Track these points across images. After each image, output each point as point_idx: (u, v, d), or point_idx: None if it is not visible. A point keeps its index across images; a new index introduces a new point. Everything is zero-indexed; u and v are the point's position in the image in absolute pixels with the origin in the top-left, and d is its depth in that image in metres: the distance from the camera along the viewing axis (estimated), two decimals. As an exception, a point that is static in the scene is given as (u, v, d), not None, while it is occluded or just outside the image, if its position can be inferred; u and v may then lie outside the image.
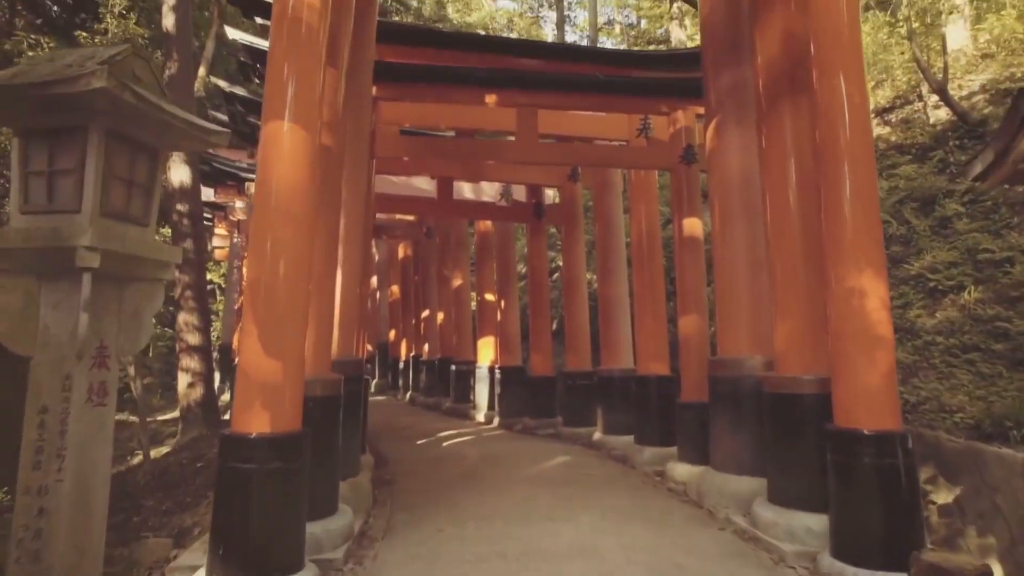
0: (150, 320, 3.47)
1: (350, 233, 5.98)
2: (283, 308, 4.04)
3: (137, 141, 3.33)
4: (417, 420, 12.14)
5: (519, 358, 11.98)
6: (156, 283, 3.58)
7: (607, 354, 9.49)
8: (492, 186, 12.07)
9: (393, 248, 17.76)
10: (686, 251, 7.42)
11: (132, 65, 3.03)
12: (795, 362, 5.04)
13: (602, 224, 9.58)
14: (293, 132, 4.13)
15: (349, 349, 5.98)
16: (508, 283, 12.00)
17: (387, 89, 6.97)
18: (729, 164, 6.14)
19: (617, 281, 9.47)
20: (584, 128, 8.37)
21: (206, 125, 3.52)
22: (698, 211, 7.46)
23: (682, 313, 7.46)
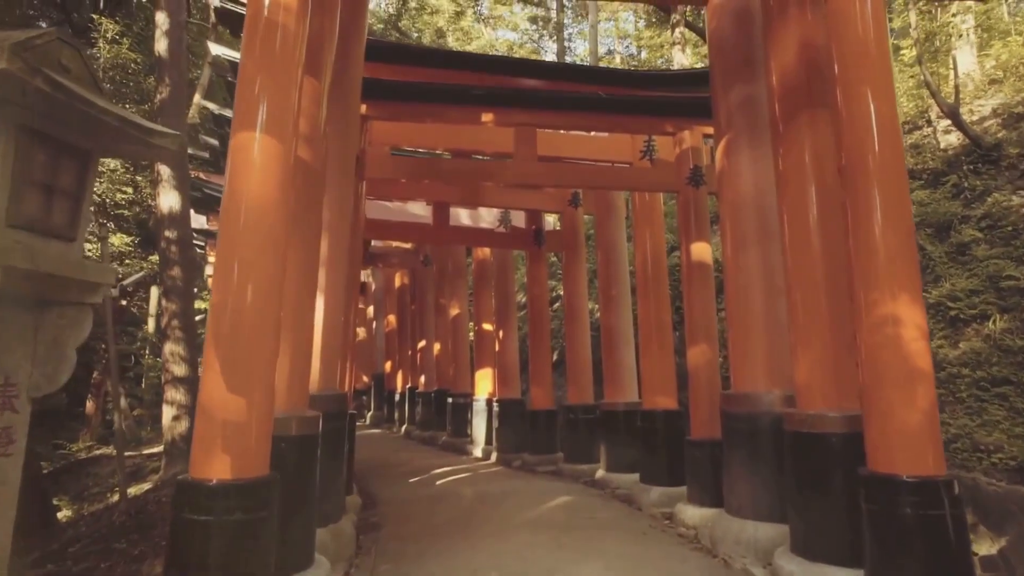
0: (73, 352, 3.01)
1: (334, 257, 5.57)
2: (250, 337, 3.61)
3: (62, 141, 2.89)
4: (411, 455, 11.61)
5: (518, 390, 11.50)
6: (82, 308, 3.11)
7: (610, 387, 9.02)
8: (490, 212, 11.71)
9: (390, 277, 17.37)
10: (694, 278, 7.00)
11: (58, 53, 2.63)
12: (819, 397, 4.59)
13: (604, 251, 9.19)
14: (265, 143, 3.76)
15: (331, 382, 5.53)
16: (507, 312, 11.57)
17: (378, 107, 6.63)
18: (741, 185, 5.75)
19: (620, 310, 9.04)
20: (585, 150, 8.03)
21: (148, 125, 3.12)
22: (707, 235, 7.07)
23: (691, 344, 7.01)
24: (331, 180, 5.56)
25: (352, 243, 6.68)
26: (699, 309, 6.94)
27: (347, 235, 5.77)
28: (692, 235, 7.05)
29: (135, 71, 12.66)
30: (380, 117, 6.82)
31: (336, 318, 5.61)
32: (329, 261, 5.50)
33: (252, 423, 3.58)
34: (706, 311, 6.95)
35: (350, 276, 6.51)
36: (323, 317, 5.43)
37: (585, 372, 9.87)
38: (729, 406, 5.69)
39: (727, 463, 5.67)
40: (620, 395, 8.91)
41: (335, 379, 5.64)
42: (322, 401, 5.24)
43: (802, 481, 4.60)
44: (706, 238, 7.06)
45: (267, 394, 3.72)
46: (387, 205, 10.74)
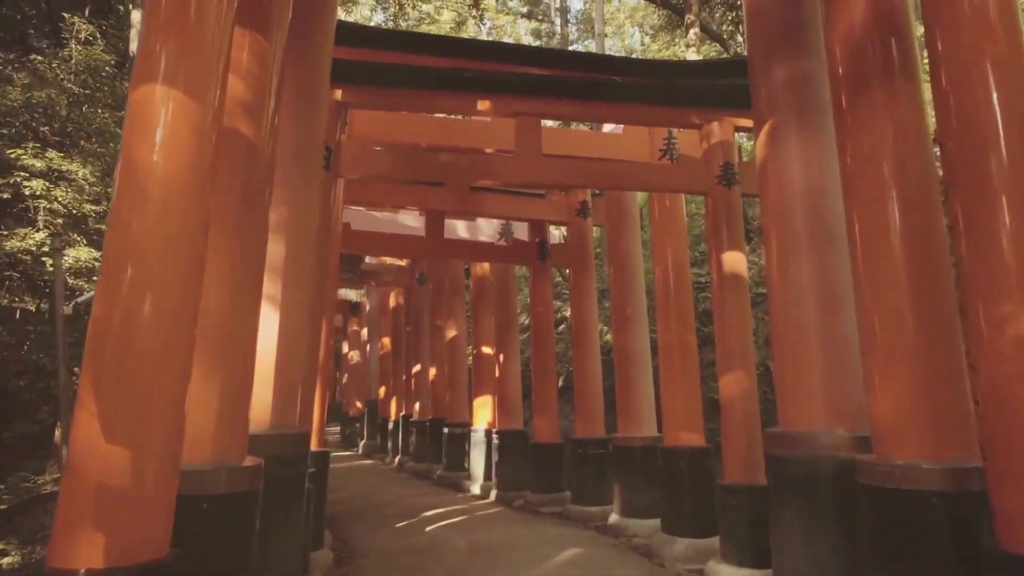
0: None
1: (295, 266, 4.56)
2: (146, 365, 2.59)
3: None
4: (402, 492, 10.50)
5: (520, 421, 10.41)
6: None
7: (625, 418, 7.95)
8: (490, 225, 10.72)
9: (384, 296, 16.37)
10: (727, 293, 5.97)
11: None
12: (909, 443, 3.53)
13: (617, 265, 8.17)
14: (176, 101, 2.77)
15: (289, 418, 4.49)
16: (508, 334, 10.53)
17: (357, 93, 5.68)
18: (789, 180, 4.75)
19: (636, 332, 8.00)
20: (594, 148, 7.06)
21: None
22: (740, 243, 6.06)
23: (723, 370, 5.96)
24: (291, 172, 4.58)
25: (326, 252, 5.68)
26: (733, 329, 5.90)
27: (313, 240, 4.77)
28: (724, 243, 6.04)
29: (109, 74, 11.78)
30: (360, 104, 5.87)
31: (296, 340, 4.59)
32: (288, 271, 4.50)
33: (144, 483, 2.55)
34: (741, 332, 5.91)
35: (320, 290, 5.50)
36: (280, 339, 4.42)
37: (595, 401, 8.80)
38: (777, 448, 4.63)
39: (775, 517, 4.61)
40: (636, 428, 7.83)
41: (294, 414, 4.60)
42: (273, 443, 4.21)
43: (886, 552, 3.54)
44: (740, 246, 6.04)
45: (169, 442, 2.69)
46: (376, 215, 9.77)
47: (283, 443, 4.36)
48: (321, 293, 5.56)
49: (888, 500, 3.53)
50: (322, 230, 5.51)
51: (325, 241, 5.54)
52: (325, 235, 5.54)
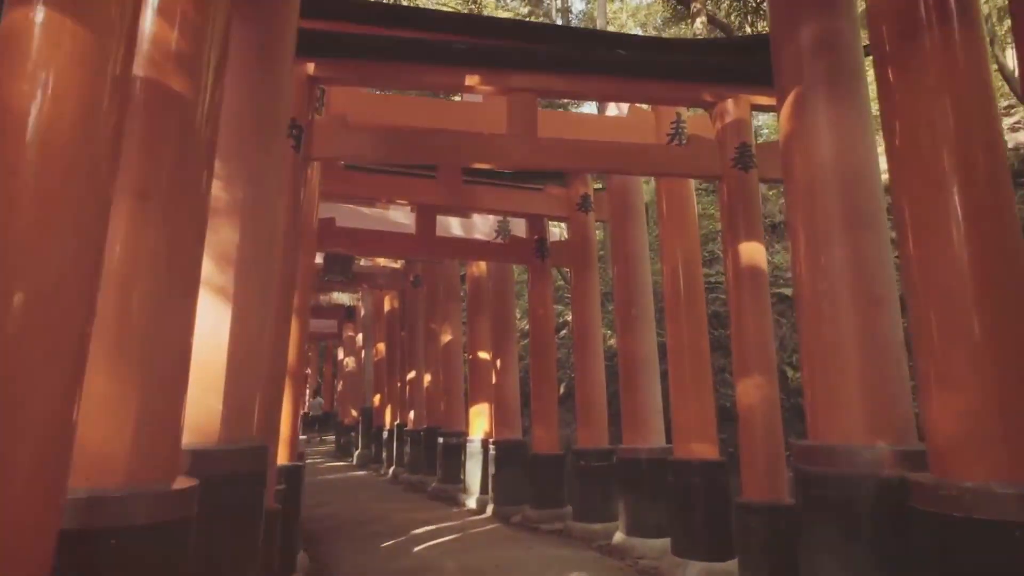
0: None
1: (254, 255, 3.96)
2: (18, 364, 2.00)
3: None
4: (393, 506, 9.86)
5: (518, 430, 9.79)
6: None
7: (630, 428, 7.32)
8: (486, 221, 10.14)
9: (379, 300, 15.77)
10: (744, 289, 5.36)
11: None
12: (980, 460, 2.92)
13: (622, 263, 7.57)
14: (66, 34, 2.18)
15: (245, 430, 3.87)
16: (506, 339, 9.92)
17: (332, 67, 5.10)
18: (818, 157, 4.15)
19: (643, 334, 7.38)
20: (597, 132, 6.48)
21: None
22: (758, 233, 5.45)
23: (740, 375, 5.34)
24: (249, 147, 3.99)
25: (296, 242, 5.09)
26: (752, 330, 5.28)
27: (276, 227, 4.17)
28: (740, 233, 5.43)
29: None
30: (335, 79, 5.28)
31: (256, 341, 3.97)
32: (244, 260, 3.90)
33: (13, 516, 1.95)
34: (761, 332, 5.29)
35: (290, 285, 4.90)
36: (231, 340, 3.81)
37: (598, 410, 8.18)
38: (807, 463, 4.01)
39: (807, 543, 3.99)
40: (642, 439, 7.21)
41: (251, 425, 3.98)
42: (223, 459, 3.60)
43: (951, 591, 2.93)
44: (758, 236, 5.43)
45: (53, 463, 2.09)
46: (364, 212, 9.19)
47: (236, 459, 3.74)
48: (291, 289, 4.97)
49: (954, 531, 2.92)
50: (292, 218, 4.93)
51: (296, 230, 4.94)
52: (296, 224, 4.95)
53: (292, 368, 5.38)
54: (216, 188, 3.90)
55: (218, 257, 3.81)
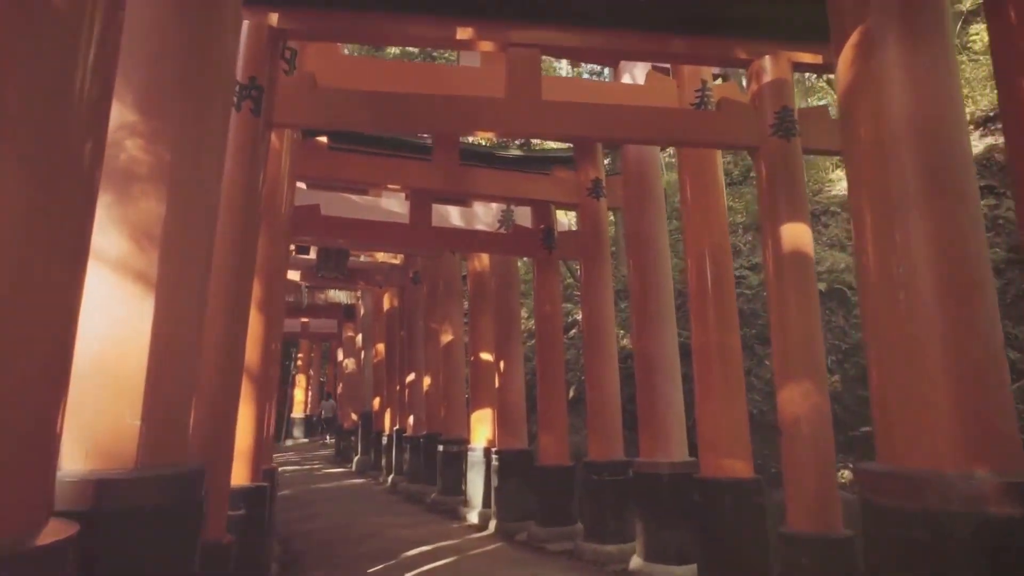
0: None
1: (186, 233, 3.16)
2: None
3: None
4: (388, 521, 9.06)
5: (523, 439, 8.98)
6: None
7: (649, 438, 6.49)
8: (489, 211, 9.34)
9: (378, 298, 14.99)
10: (788, 279, 4.53)
11: None
12: None
13: (639, 254, 6.74)
14: None
15: (173, 449, 3.07)
16: (510, 338, 9.11)
17: (298, 18, 4.31)
18: (891, 110, 3.32)
19: (662, 333, 6.55)
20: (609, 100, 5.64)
21: None
22: (803, 212, 4.62)
23: (783, 380, 4.51)
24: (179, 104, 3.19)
25: (253, 222, 4.30)
26: (797, 326, 4.45)
27: (215, 199, 3.37)
28: (782, 213, 4.60)
29: None
30: (303, 33, 4.49)
31: (187, 338, 3.18)
32: (171, 239, 3.11)
33: None
34: (807, 329, 4.46)
35: (246, 272, 4.11)
36: (153, 337, 3.02)
37: (611, 417, 7.36)
38: (880, 493, 3.17)
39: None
40: (663, 451, 6.37)
41: (183, 442, 3.18)
42: (140, 489, 2.81)
43: None
44: (803, 216, 4.61)
45: None
46: (355, 200, 8.41)
47: (158, 488, 2.95)
48: (247, 278, 4.18)
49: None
50: (249, 194, 4.15)
51: (254, 209, 4.15)
52: (254, 201, 4.16)
53: (253, 371, 4.60)
54: (133, 146, 3.14)
55: (136, 233, 3.02)
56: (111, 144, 3.14)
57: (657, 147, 6.91)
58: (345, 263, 11.66)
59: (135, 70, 3.06)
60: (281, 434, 24.51)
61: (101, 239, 2.97)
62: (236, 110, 4.16)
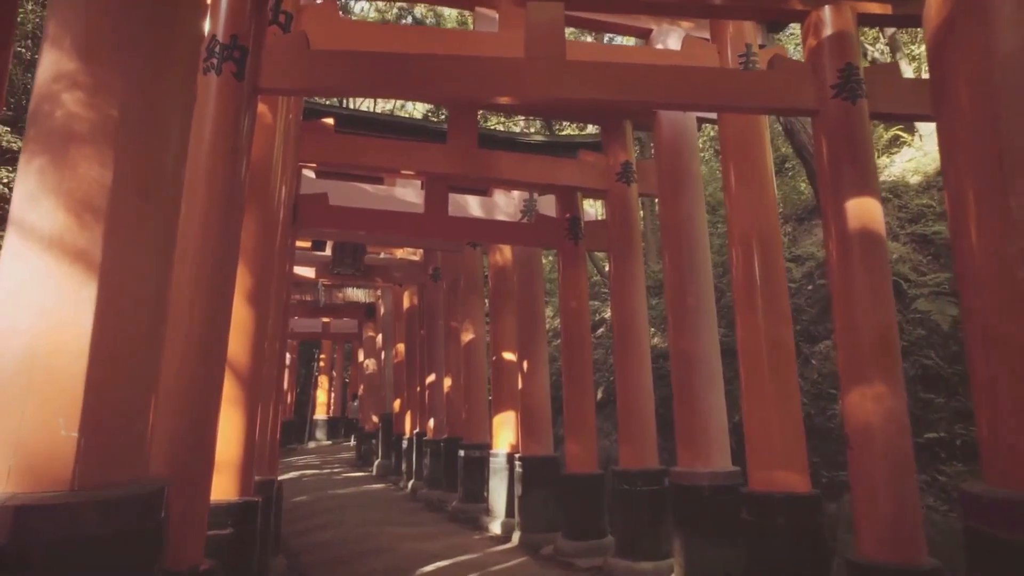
0: None
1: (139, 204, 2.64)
2: None
3: None
4: (405, 532, 8.53)
5: (548, 444, 8.38)
6: None
7: (687, 446, 5.86)
8: (510, 202, 8.77)
9: (398, 297, 14.51)
10: (856, 263, 3.88)
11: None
12: None
13: (675, 243, 6.11)
14: None
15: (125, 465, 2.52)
16: (534, 337, 8.52)
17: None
18: (999, 52, 2.68)
19: (701, 329, 5.92)
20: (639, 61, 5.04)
21: None
22: (872, 183, 3.96)
23: (850, 381, 3.86)
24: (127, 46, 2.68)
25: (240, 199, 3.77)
26: (868, 318, 3.80)
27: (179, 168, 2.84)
28: (846, 187, 3.95)
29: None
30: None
31: (142, 332, 2.65)
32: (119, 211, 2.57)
33: None
34: (880, 320, 3.81)
35: (224, 257, 3.58)
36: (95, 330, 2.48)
37: (644, 422, 6.73)
38: (996, 524, 2.54)
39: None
40: (703, 459, 5.74)
41: (136, 455, 2.64)
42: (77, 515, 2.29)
43: None
44: (872, 189, 3.95)
45: None
46: (367, 189, 7.89)
47: (100, 514, 2.42)
48: (230, 265, 3.66)
49: None
50: (228, 168, 3.62)
51: (234, 185, 3.62)
52: (234, 176, 3.63)
53: (242, 371, 4.08)
54: (73, 101, 2.63)
55: (75, 205, 2.50)
56: (44, 98, 2.64)
57: (694, 127, 6.27)
58: (362, 259, 11.19)
59: (72, 8, 2.56)
60: (304, 436, 24.23)
61: (31, 212, 2.47)
62: (216, 73, 3.65)
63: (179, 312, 3.45)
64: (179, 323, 3.43)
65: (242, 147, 3.68)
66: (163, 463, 3.33)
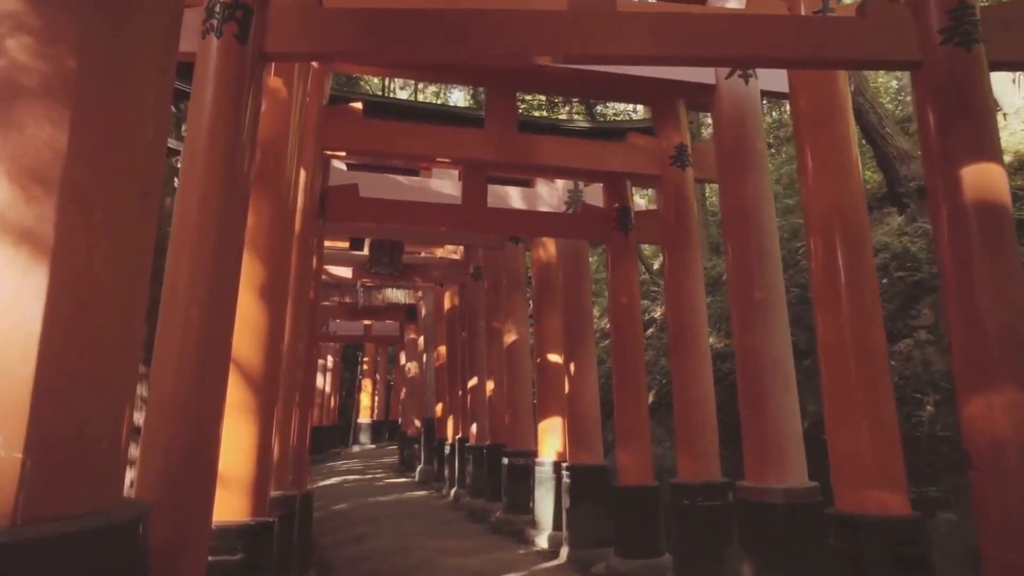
0: None
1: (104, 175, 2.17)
2: None
3: None
4: (446, 545, 8.03)
5: (598, 453, 7.78)
6: None
7: (757, 457, 5.19)
8: (553, 193, 8.21)
9: (439, 298, 14.09)
10: (974, 240, 3.20)
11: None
12: None
13: (740, 231, 5.47)
14: None
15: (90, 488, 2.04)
16: (581, 338, 7.94)
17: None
18: None
19: (771, 328, 5.26)
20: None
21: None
22: (993, 143, 3.28)
23: (970, 386, 3.17)
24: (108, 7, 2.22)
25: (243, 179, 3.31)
26: (992, 307, 3.12)
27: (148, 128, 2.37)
28: (960, 152, 3.27)
29: None
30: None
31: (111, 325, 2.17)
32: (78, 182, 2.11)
33: None
34: (1009, 309, 3.12)
35: (228, 248, 3.12)
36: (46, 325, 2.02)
37: (705, 430, 6.09)
38: None
39: None
40: (775, 473, 5.07)
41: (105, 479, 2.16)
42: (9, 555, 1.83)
43: None
44: (993, 151, 3.27)
45: None
46: (401, 182, 7.43)
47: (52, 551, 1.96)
48: (233, 256, 3.20)
49: None
50: (229, 143, 3.16)
51: (236, 161, 3.16)
52: (236, 151, 3.16)
53: (255, 376, 3.62)
54: (18, 48, 2.19)
55: (20, 174, 2.05)
56: (-15, 44, 2.20)
57: (758, 101, 5.62)
58: (399, 258, 10.80)
59: (17, -68, 2.11)
60: (348, 440, 24.13)
61: (-36, 181, 2.04)
62: (216, 35, 3.20)
63: (174, 310, 3.00)
64: (174, 323, 2.99)
65: (245, 120, 3.22)
66: (156, 482, 2.88)
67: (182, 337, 2.96)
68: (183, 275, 3.02)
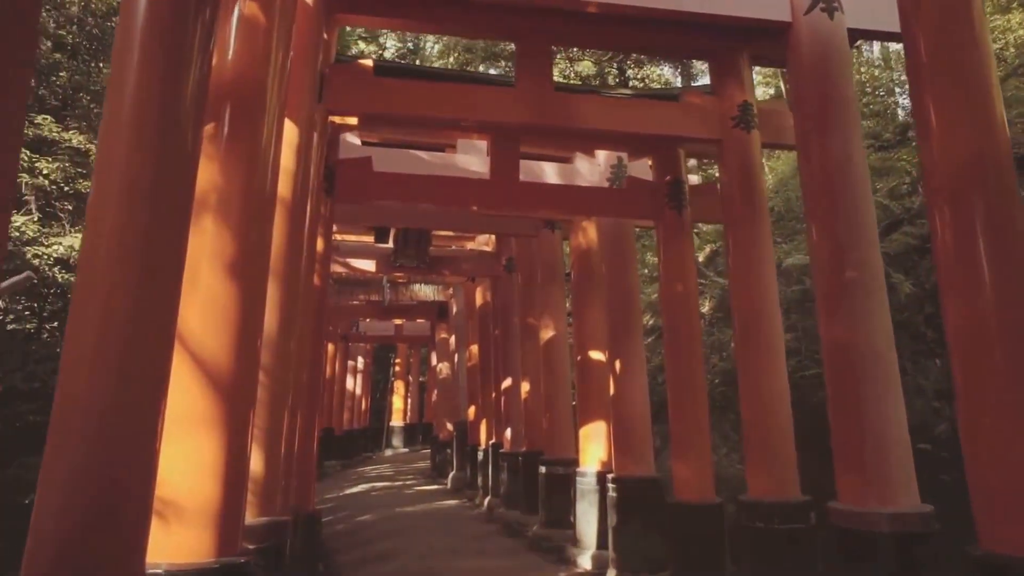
0: None
1: None
2: None
3: None
4: (475, 566, 7.17)
5: (648, 463, 6.84)
6: None
7: (853, 475, 4.23)
8: (594, 170, 7.28)
9: (470, 294, 13.26)
10: None
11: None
12: None
13: (825, 194, 4.50)
14: None
15: None
16: (627, 331, 7.01)
17: None
18: None
19: (867, 317, 4.30)
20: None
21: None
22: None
23: None
24: None
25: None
26: None
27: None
28: None
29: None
30: None
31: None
32: None
33: None
34: None
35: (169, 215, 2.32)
36: None
37: (781, 439, 5.13)
38: None
39: None
40: (877, 494, 4.10)
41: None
42: None
43: None
44: None
45: None
46: (423, 157, 6.59)
47: None
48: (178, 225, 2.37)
49: None
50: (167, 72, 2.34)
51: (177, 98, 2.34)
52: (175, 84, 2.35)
53: (220, 377, 2.80)
54: None
55: None
56: None
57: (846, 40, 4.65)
58: (426, 249, 10.00)
59: None
60: (381, 443, 23.53)
61: None
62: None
63: (88, 294, 2.21)
64: (87, 310, 2.19)
65: (192, 43, 2.40)
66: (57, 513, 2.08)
67: (98, 330, 2.16)
68: (100, 250, 2.22)
